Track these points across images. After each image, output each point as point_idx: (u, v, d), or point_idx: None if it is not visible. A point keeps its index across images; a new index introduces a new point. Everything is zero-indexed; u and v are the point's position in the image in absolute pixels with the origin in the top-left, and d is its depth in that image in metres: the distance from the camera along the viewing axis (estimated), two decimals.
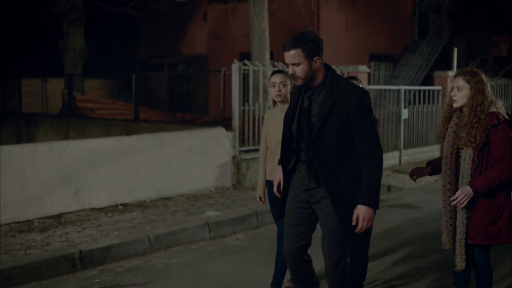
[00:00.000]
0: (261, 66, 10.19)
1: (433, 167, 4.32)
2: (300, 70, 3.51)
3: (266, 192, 4.81)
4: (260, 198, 4.82)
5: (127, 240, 6.13)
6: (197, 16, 21.40)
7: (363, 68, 10.87)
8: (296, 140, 3.67)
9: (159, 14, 19.30)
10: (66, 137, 12.47)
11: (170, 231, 6.49)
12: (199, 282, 5.31)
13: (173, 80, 19.51)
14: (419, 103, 12.88)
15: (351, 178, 3.59)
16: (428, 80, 18.43)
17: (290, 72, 3.56)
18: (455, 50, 13.88)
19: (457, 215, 4.01)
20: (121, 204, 7.56)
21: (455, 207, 4.02)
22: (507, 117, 3.98)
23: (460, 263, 4.03)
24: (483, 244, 4.02)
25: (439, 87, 13.27)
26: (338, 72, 10.57)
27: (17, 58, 19.06)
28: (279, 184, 4.10)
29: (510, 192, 4.02)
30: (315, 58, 3.50)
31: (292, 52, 3.48)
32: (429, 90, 13.20)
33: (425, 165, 4.45)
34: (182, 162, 8.18)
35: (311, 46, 3.48)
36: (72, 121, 12.88)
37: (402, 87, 12.33)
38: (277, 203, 4.44)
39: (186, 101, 20.64)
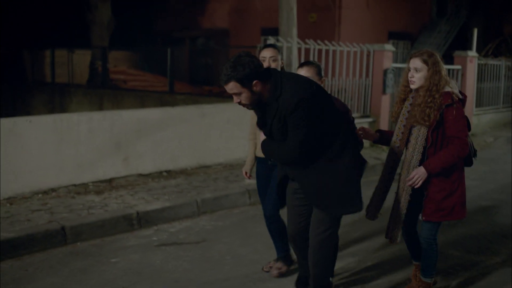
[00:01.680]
0: (292, 42, 10.56)
1: (381, 135, 4.37)
2: (244, 98, 3.50)
3: (255, 168, 4.94)
4: (245, 173, 4.97)
5: (177, 204, 6.65)
6: None
7: (389, 47, 11.25)
8: None
9: None
10: (100, 107, 12.96)
11: (215, 197, 7.00)
12: (247, 242, 5.82)
13: (193, 54, 19.88)
14: None
15: (317, 170, 3.72)
16: (446, 59, 18.72)
17: (235, 101, 3.55)
18: (475, 30, 14.19)
19: (398, 193, 4.16)
20: (165, 171, 8.08)
21: (389, 183, 4.22)
22: (460, 97, 4.07)
23: (395, 237, 4.21)
24: (436, 221, 4.11)
25: (459, 67, 13.61)
26: (364, 51, 11.02)
27: (43, 29, 19.45)
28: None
29: (463, 169, 4.15)
30: (254, 82, 3.44)
31: (229, 85, 3.46)
32: (449, 69, 13.56)
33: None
34: (220, 132, 8.66)
35: (244, 73, 3.40)
36: (106, 92, 13.34)
37: None
38: (263, 179, 4.77)
39: (206, 74, 20.98)
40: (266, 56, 4.60)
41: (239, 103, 3.54)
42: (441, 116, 3.98)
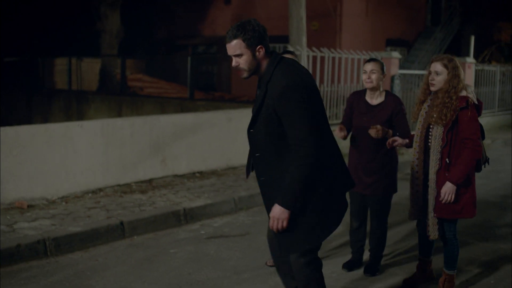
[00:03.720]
0: (302, 51, 11.17)
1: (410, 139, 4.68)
2: (243, 61, 3.33)
3: None
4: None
5: (217, 201, 7.21)
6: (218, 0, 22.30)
7: (396, 54, 11.94)
8: None
9: None
10: (119, 114, 13.44)
11: (250, 194, 7.56)
12: None
13: (196, 61, 20.47)
14: None
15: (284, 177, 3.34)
16: None
17: (233, 64, 3.37)
18: (472, 38, 14.91)
19: (430, 191, 4.37)
20: (198, 172, 8.64)
21: (423, 181, 4.42)
22: (475, 102, 4.29)
23: (433, 233, 4.42)
24: (448, 218, 4.37)
25: None
26: (366, 58, 11.64)
27: (52, 38, 19.91)
28: None
29: (474, 173, 4.39)
30: (258, 47, 3.31)
31: (233, 43, 3.30)
32: None
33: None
34: (246, 136, 9.21)
35: (252, 34, 3.27)
36: (125, 99, 13.83)
37: (423, 72, 13.43)
38: None
39: (207, 81, 21.57)
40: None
41: (237, 67, 3.36)
42: (456, 118, 4.24)
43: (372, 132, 4.71)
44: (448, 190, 4.24)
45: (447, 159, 4.30)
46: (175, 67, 20.74)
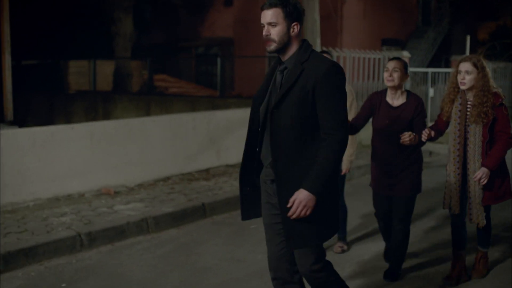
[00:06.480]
0: (332, 50, 12.13)
1: (436, 132, 4.75)
2: (275, 32, 3.17)
3: None
4: None
5: None
6: (218, 2, 23.16)
7: (406, 54, 12.99)
8: (263, 123, 3.31)
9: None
10: (147, 113, 14.17)
11: None
12: None
13: (199, 61, 21.32)
14: (438, 83, 15.14)
15: (307, 164, 3.16)
16: (434, 62, 20.68)
17: (264, 33, 3.20)
18: (468, 37, 16.02)
19: (471, 184, 4.58)
20: None
21: (463, 176, 4.63)
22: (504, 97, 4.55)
23: (482, 221, 4.62)
24: (491, 204, 4.63)
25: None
26: (386, 57, 12.68)
27: (67, 41, 20.54)
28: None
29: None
30: (294, 23, 3.18)
31: (272, 10, 3.16)
32: (447, 72, 15.38)
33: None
34: None
35: (294, 8, 3.18)
36: (153, 98, 14.56)
37: (429, 70, 14.51)
38: None
39: (209, 80, 22.41)
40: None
41: (267, 36, 3.19)
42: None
43: (406, 140, 4.46)
44: (484, 173, 4.44)
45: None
46: (179, 67, 21.59)
